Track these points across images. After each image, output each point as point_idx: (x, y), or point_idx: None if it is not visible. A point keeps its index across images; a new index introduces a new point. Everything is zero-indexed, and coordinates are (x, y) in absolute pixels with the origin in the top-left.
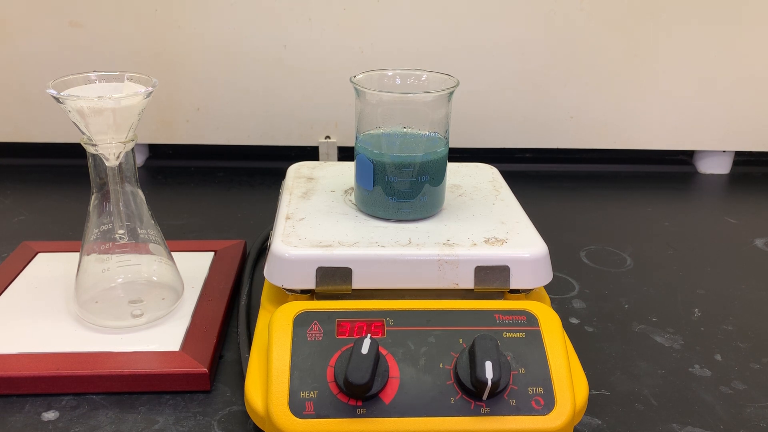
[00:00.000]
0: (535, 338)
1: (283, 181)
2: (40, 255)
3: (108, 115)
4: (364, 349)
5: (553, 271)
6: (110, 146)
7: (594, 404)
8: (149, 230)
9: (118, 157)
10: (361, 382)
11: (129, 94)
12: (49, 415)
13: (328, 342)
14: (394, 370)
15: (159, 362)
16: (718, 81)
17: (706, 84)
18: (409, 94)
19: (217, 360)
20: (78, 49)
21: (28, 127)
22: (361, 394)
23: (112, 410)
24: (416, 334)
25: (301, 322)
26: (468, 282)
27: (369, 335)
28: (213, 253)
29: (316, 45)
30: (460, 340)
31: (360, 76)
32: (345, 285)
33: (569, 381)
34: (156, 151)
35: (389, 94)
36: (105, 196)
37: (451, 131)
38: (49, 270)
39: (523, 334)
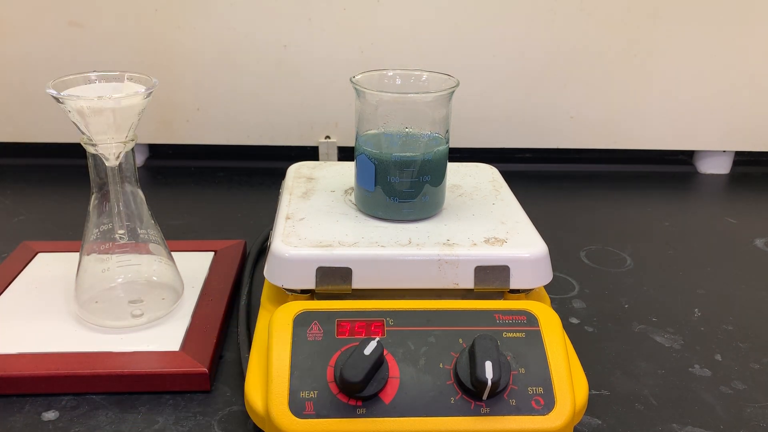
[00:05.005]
0: (535, 338)
1: (283, 181)
2: (40, 255)
3: (108, 115)
4: (367, 351)
5: (553, 271)
6: (110, 146)
7: (594, 404)
8: (149, 230)
9: (118, 157)
10: (353, 380)
11: (129, 94)
12: (49, 415)
13: (328, 342)
14: (394, 370)
15: (159, 362)
16: (718, 81)
17: (706, 84)
18: (409, 94)
19: (217, 360)
20: (78, 49)
21: (28, 127)
22: (352, 392)
23: (112, 410)
24: (416, 334)
25: (301, 322)
26: (468, 282)
27: (377, 339)
28: (213, 253)
29: (316, 45)
30: (460, 340)
31: (360, 76)
32: (345, 285)
33: (569, 381)
34: (156, 151)
35: (389, 94)
36: (105, 196)
37: (451, 131)
38: (49, 270)
39: (523, 334)
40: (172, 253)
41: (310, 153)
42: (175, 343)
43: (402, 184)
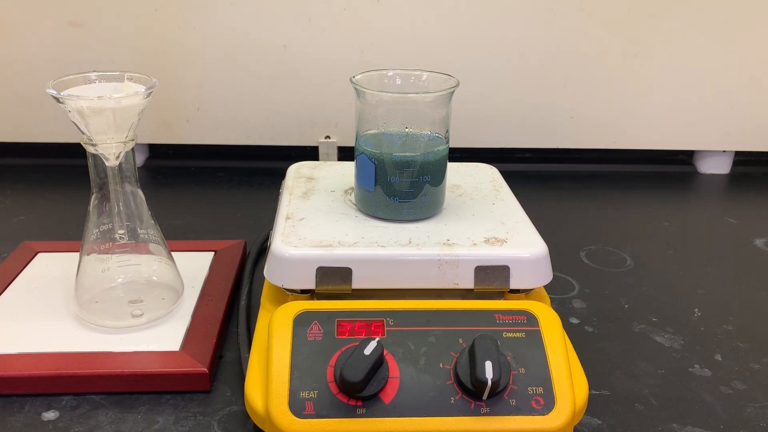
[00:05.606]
0: (535, 338)
1: (283, 181)
2: (40, 255)
3: (108, 115)
4: (367, 351)
5: (553, 271)
6: (110, 146)
7: (594, 404)
8: (149, 230)
9: (118, 157)
10: (353, 380)
11: (129, 94)
12: (49, 415)
13: (328, 342)
14: (394, 370)
15: (159, 362)
16: (718, 81)
17: (706, 84)
18: (409, 94)
19: (217, 360)
20: (78, 49)
21: (28, 127)
22: (352, 392)
23: (112, 410)
24: (416, 334)
25: (301, 322)
26: (468, 282)
27: (377, 339)
28: (213, 253)
29: (316, 45)
30: (460, 340)
31: (360, 76)
32: (345, 285)
33: (569, 381)
34: (156, 151)
35: (389, 94)
36: (105, 196)
37: (451, 131)
38: (49, 270)
39: (523, 334)
40: (172, 253)
41: (310, 153)
42: (175, 343)
43: (402, 184)
